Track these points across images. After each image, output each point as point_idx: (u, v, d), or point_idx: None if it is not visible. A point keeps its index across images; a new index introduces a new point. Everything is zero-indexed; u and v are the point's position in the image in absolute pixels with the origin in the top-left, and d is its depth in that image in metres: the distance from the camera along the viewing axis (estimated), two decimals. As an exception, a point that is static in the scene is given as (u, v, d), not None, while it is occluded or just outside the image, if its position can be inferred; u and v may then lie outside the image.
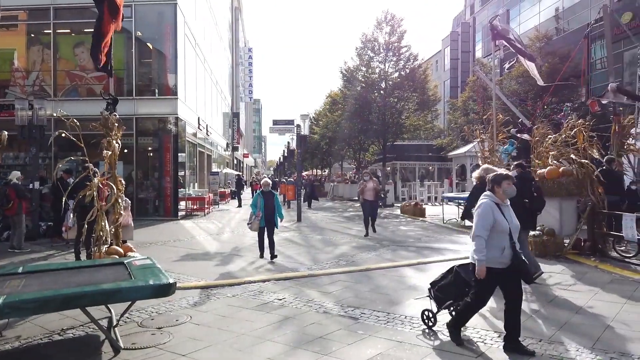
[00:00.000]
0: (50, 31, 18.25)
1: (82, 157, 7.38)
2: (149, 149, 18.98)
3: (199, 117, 23.09)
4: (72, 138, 6.81)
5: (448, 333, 4.81)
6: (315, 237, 12.75)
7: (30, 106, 12.31)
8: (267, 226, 9.38)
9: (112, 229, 7.10)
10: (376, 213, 13.34)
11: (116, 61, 11.87)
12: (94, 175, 7.03)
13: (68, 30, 19.03)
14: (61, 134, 7.08)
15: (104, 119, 7.28)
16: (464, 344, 4.64)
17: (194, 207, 19.84)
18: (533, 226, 7.90)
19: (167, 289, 4.60)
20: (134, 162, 18.02)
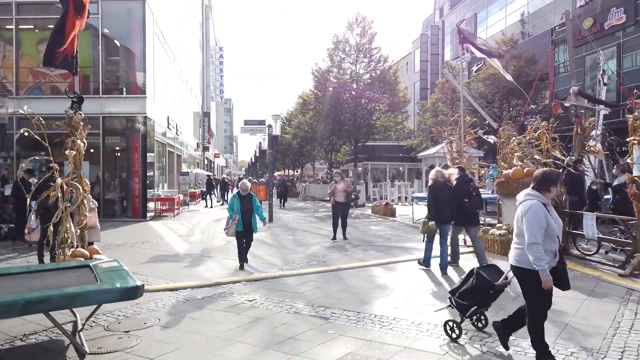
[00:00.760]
0: (13, 27, 17.66)
1: (46, 157, 7.17)
2: (116, 148, 18.59)
3: (168, 117, 22.74)
4: (36, 137, 6.61)
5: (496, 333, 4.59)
6: (286, 238, 12.74)
7: (-9, 104, 11.91)
8: (245, 231, 8.75)
9: (77, 231, 6.92)
10: (347, 216, 12.34)
11: (82, 59, 11.53)
12: (60, 175, 6.84)
13: (32, 26, 18.48)
14: (25, 133, 6.85)
15: (68, 118, 7.08)
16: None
17: (163, 208, 19.56)
18: (478, 222, 8.90)
19: (134, 292, 4.53)
20: (101, 162, 17.59)
